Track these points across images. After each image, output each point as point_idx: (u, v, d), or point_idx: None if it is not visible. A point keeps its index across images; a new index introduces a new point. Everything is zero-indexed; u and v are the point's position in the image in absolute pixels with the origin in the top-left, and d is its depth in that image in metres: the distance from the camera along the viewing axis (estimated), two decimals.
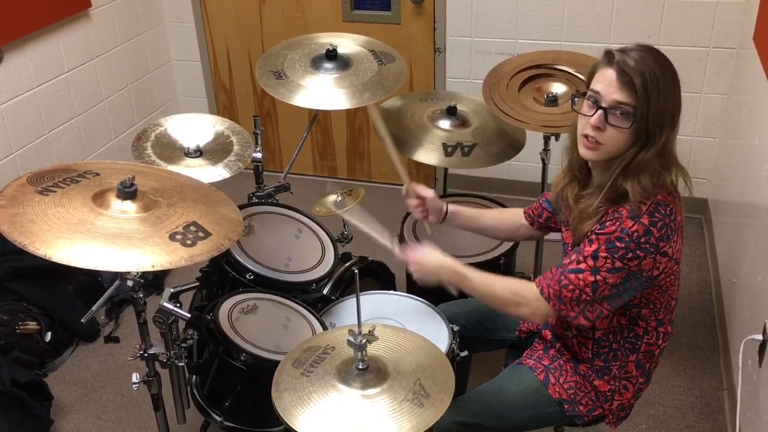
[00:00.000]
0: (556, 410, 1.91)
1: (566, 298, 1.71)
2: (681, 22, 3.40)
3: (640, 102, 1.62)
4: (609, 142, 1.68)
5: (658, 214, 1.66)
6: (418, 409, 1.52)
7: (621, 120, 1.65)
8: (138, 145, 2.41)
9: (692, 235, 3.63)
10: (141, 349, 2.06)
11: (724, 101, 3.50)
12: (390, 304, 2.31)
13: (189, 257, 1.59)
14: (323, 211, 2.63)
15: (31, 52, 3.22)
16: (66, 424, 2.72)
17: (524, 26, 3.61)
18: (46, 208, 1.59)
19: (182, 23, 4.13)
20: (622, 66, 1.63)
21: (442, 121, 2.75)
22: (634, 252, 1.64)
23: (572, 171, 1.85)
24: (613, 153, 1.69)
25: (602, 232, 1.67)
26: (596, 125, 1.67)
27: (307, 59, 2.60)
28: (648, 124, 1.64)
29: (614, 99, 1.64)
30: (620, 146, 1.68)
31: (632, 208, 1.67)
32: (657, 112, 1.63)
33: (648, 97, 1.61)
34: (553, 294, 1.72)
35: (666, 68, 1.66)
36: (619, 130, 1.65)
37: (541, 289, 1.74)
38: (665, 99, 1.64)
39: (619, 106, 1.64)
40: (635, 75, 1.61)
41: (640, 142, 1.66)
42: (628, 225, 1.65)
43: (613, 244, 1.65)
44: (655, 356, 1.90)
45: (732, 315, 2.86)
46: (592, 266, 1.67)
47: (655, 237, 1.65)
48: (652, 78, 1.62)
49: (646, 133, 1.65)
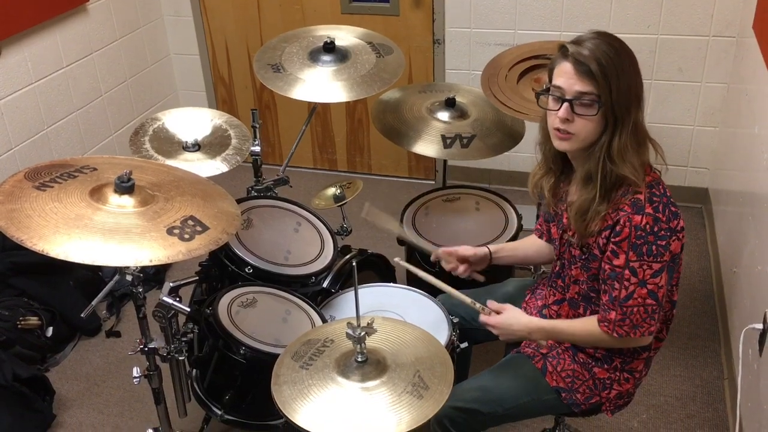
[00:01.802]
0: (553, 398, 1.92)
1: (638, 322, 1.75)
2: (681, 10, 3.39)
3: (602, 88, 1.66)
4: (580, 131, 1.72)
5: (655, 198, 1.70)
6: (418, 401, 1.53)
7: (587, 109, 1.69)
8: (136, 140, 2.42)
9: (693, 225, 3.62)
10: (141, 344, 2.06)
11: (725, 90, 3.48)
12: (390, 296, 2.32)
13: (187, 251, 1.59)
14: (322, 204, 2.64)
15: (30, 47, 3.22)
16: (68, 419, 2.73)
17: (523, 16, 3.60)
18: (44, 204, 1.59)
19: (180, 17, 4.12)
20: (577, 57, 1.67)
21: (441, 112, 2.74)
22: (656, 243, 1.68)
23: (547, 163, 1.89)
24: (588, 140, 1.73)
25: (620, 239, 1.71)
26: (564, 117, 1.71)
27: (304, 52, 2.60)
28: (614, 107, 1.67)
29: (576, 90, 1.68)
30: (592, 133, 1.71)
31: (633, 200, 1.69)
32: (620, 94, 1.67)
33: (608, 81, 1.66)
34: (627, 331, 1.76)
35: (620, 50, 1.69)
36: (586, 118, 1.70)
37: (614, 335, 1.78)
38: (625, 80, 1.68)
39: (582, 95, 1.68)
40: (591, 63, 1.65)
41: (610, 125, 1.70)
42: (638, 220, 1.68)
43: (636, 245, 1.69)
44: (659, 348, 1.94)
45: (732, 304, 2.86)
46: (638, 281, 1.71)
47: (664, 222, 1.69)
48: (608, 62, 1.66)
49: (614, 116, 1.68)
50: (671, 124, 3.58)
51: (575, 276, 1.88)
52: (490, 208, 2.81)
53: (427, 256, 2.21)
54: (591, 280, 1.83)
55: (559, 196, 1.91)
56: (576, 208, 1.77)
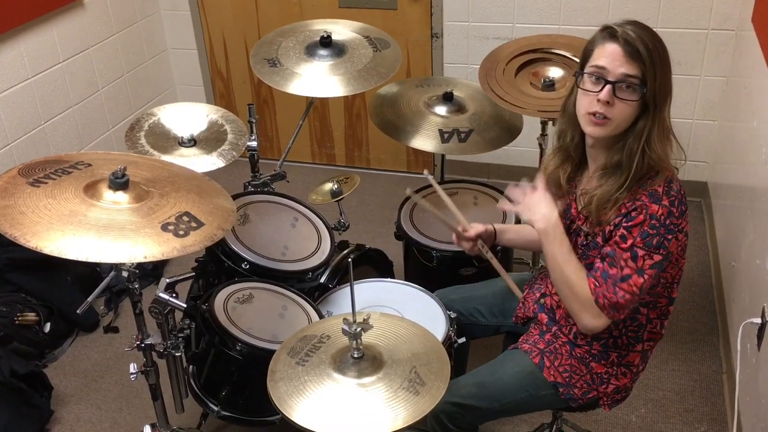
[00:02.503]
0: (550, 393, 1.91)
1: (620, 306, 1.73)
2: (679, 3, 3.37)
3: (648, 73, 1.64)
4: (617, 116, 1.68)
5: (672, 192, 1.69)
6: (414, 397, 1.52)
7: (629, 93, 1.66)
8: (131, 135, 2.41)
9: (692, 219, 3.62)
10: (138, 340, 2.06)
11: (724, 84, 3.47)
12: (387, 291, 2.31)
13: (182, 248, 1.58)
14: (319, 199, 2.63)
15: (26, 42, 3.20)
16: (66, 414, 2.73)
17: (521, 10, 3.58)
18: (37, 200, 1.58)
19: (177, 11, 4.11)
20: (626, 38, 1.63)
21: (439, 107, 2.73)
22: (665, 236, 1.67)
23: (566, 152, 1.86)
24: (621, 127, 1.70)
25: (632, 224, 1.68)
26: (606, 100, 1.66)
27: (301, 46, 2.59)
28: (656, 94, 1.66)
29: (622, 72, 1.65)
30: (627, 119, 1.69)
31: (651, 191, 1.68)
32: (663, 82, 1.66)
33: (654, 67, 1.64)
34: (609, 305, 1.73)
35: (659, 40, 1.68)
36: (627, 103, 1.66)
37: (596, 299, 1.75)
38: (667, 69, 1.67)
39: (627, 78, 1.65)
40: (640, 46, 1.62)
41: (646, 113, 1.68)
42: (655, 210, 1.67)
43: (647, 232, 1.67)
44: (657, 341, 1.92)
45: (731, 298, 2.85)
46: (636, 268, 1.69)
47: (675, 216, 1.68)
48: (654, 48, 1.64)
49: (654, 104, 1.66)
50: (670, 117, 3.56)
51: None
52: (489, 203, 2.80)
53: (427, 252, 2.18)
54: (588, 268, 1.81)
55: (573, 186, 1.89)
56: (598, 198, 1.74)
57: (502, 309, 2.17)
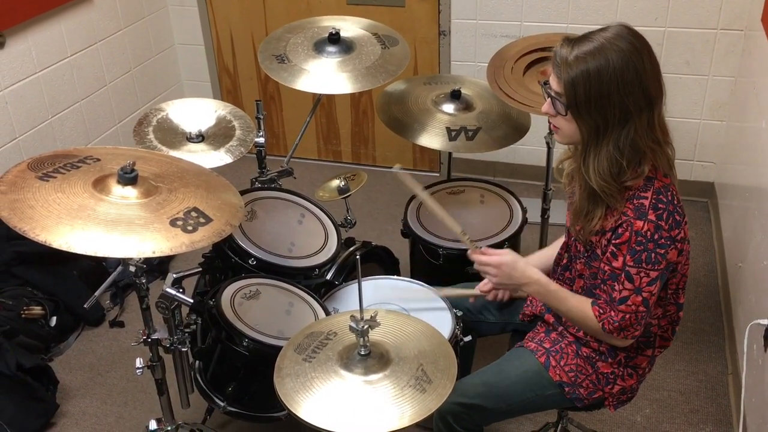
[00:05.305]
0: (556, 393, 1.91)
1: (626, 325, 1.74)
2: (688, 3, 3.36)
3: (568, 96, 1.65)
4: (562, 127, 1.73)
5: (661, 204, 1.67)
6: (421, 395, 1.52)
7: (561, 108, 1.69)
8: (140, 130, 2.41)
9: (698, 219, 3.61)
10: (144, 335, 2.06)
11: (732, 84, 3.46)
12: (394, 289, 2.31)
13: (190, 243, 1.58)
14: (326, 196, 2.63)
15: (34, 36, 3.21)
16: (71, 408, 2.74)
17: (530, 8, 3.57)
18: (47, 194, 1.58)
19: (185, 6, 4.10)
20: (557, 57, 1.66)
21: (446, 104, 2.72)
22: (656, 251, 1.66)
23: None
24: (572, 138, 1.73)
25: (619, 242, 1.69)
26: (545, 112, 1.74)
27: (309, 43, 2.58)
28: (581, 113, 1.65)
29: (553, 88, 1.70)
30: (574, 132, 1.71)
31: (636, 205, 1.67)
32: (592, 108, 1.63)
33: (575, 91, 1.63)
34: (615, 329, 1.75)
35: (613, 62, 1.60)
36: (563, 117, 1.70)
37: (602, 326, 1.77)
38: (600, 88, 1.61)
39: (557, 94, 1.69)
40: (564, 68, 1.64)
41: (593, 134, 1.67)
42: (639, 226, 1.66)
43: (635, 250, 1.67)
44: (667, 347, 1.95)
45: (738, 299, 2.84)
46: (633, 288, 1.70)
47: (665, 230, 1.66)
48: (583, 73, 1.61)
49: (596, 126, 1.65)
50: (678, 117, 3.55)
51: (580, 270, 1.88)
52: (495, 201, 2.79)
53: (434, 250, 2.16)
54: (593, 278, 1.82)
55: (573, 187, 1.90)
56: (575, 206, 1.79)
57: (509, 308, 2.17)
